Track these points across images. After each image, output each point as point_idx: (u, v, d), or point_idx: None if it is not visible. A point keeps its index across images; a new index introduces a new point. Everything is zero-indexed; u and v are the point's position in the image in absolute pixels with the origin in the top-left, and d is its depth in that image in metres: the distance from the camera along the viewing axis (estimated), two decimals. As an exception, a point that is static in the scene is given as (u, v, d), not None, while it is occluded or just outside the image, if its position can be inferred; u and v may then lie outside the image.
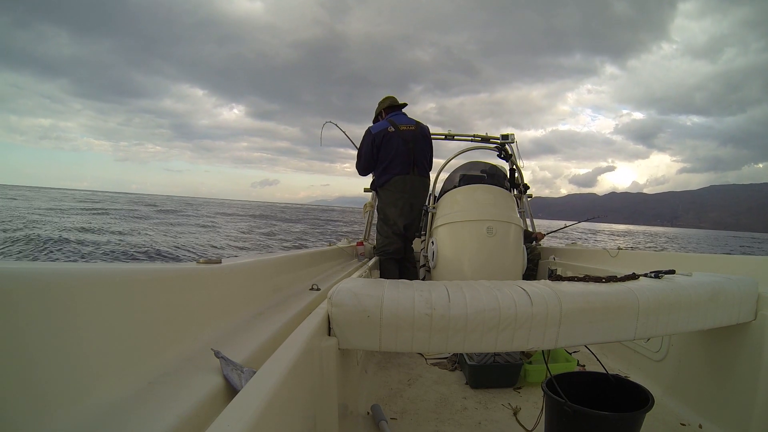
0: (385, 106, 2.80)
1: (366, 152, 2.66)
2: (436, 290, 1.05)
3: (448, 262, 2.38)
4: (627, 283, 1.20)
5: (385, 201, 2.69)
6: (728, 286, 1.25)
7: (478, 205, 2.42)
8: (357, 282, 1.08)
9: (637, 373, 1.75)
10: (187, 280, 0.82)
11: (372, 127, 2.68)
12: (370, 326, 0.96)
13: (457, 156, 2.98)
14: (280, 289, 1.32)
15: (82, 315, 0.54)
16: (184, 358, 0.70)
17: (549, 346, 1.03)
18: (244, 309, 1.03)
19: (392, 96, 2.84)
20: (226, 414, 0.46)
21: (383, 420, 1.36)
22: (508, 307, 1.00)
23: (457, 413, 1.52)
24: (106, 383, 0.54)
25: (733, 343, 1.34)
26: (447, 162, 2.98)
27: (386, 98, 2.83)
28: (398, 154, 2.60)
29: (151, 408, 0.54)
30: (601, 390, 1.25)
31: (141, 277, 0.68)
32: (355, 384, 1.50)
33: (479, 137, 3.58)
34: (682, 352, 1.56)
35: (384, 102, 2.82)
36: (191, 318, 0.79)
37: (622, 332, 1.10)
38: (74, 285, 0.54)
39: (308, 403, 0.78)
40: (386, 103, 2.80)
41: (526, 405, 1.57)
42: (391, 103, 2.79)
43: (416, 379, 1.83)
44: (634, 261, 2.18)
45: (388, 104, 2.79)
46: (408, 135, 2.63)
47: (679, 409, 1.47)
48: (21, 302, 0.47)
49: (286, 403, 0.59)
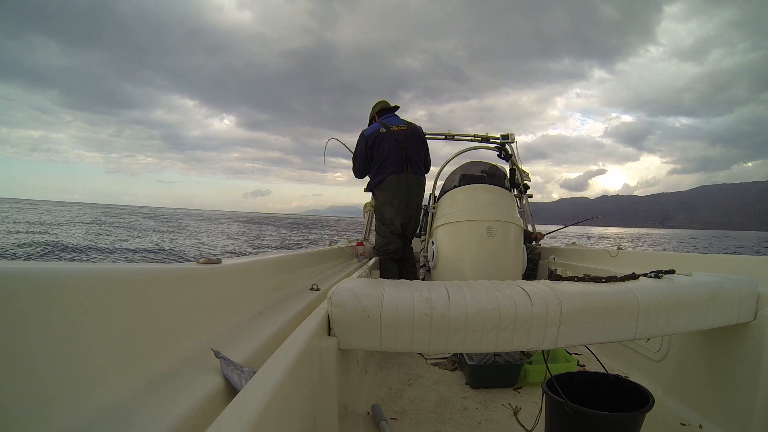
0: (377, 109, 2.88)
1: (360, 154, 2.72)
2: (436, 290, 1.05)
3: (448, 262, 2.38)
4: (627, 283, 1.20)
5: (381, 201, 2.71)
6: (728, 286, 1.25)
7: (478, 205, 2.42)
8: (357, 282, 1.08)
9: (637, 373, 1.75)
10: (187, 280, 0.82)
11: (365, 131, 2.75)
12: (370, 326, 0.96)
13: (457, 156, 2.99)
14: (280, 289, 1.32)
15: (82, 315, 0.54)
16: (184, 358, 0.69)
17: (549, 346, 1.03)
18: (244, 309, 1.03)
19: (384, 100, 2.93)
20: (226, 414, 0.46)
21: (383, 420, 1.36)
22: (508, 307, 1.00)
23: (457, 413, 1.52)
24: (106, 383, 0.54)
25: (733, 343, 1.34)
26: (447, 162, 2.99)
27: (378, 102, 2.92)
28: (391, 153, 2.64)
29: (151, 408, 0.54)
30: (601, 390, 1.25)
31: (141, 277, 0.68)
32: (355, 384, 1.50)
33: (479, 137, 3.59)
34: (682, 352, 1.56)
35: (376, 106, 2.90)
36: (191, 318, 0.79)
37: (622, 332, 1.10)
38: (74, 285, 0.54)
39: (308, 403, 0.78)
40: (378, 106, 2.88)
41: (526, 405, 1.57)
42: (383, 107, 2.87)
43: (416, 379, 1.83)
44: (634, 261, 2.18)
45: (381, 107, 2.87)
46: (400, 135, 2.67)
47: (679, 409, 1.46)
48: (22, 302, 0.47)
49: (286, 403, 0.59)
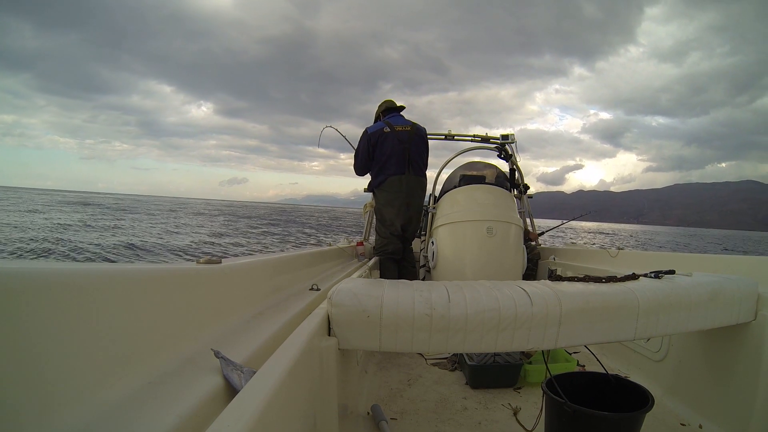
0: (383, 108, 2.87)
1: (362, 152, 2.71)
2: (436, 290, 1.05)
3: (449, 262, 2.38)
4: (627, 283, 1.20)
5: (382, 202, 2.71)
6: (728, 287, 1.25)
7: (479, 205, 2.42)
8: (357, 282, 1.08)
9: (637, 373, 1.75)
10: (187, 280, 0.82)
11: (368, 128, 2.74)
12: (370, 326, 0.96)
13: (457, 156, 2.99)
14: (280, 289, 1.32)
15: (83, 315, 0.54)
16: (184, 358, 0.70)
17: (549, 346, 1.03)
18: (244, 309, 1.03)
19: (391, 99, 2.92)
20: (226, 414, 0.46)
21: (383, 420, 1.36)
22: (508, 308, 1.00)
23: (457, 413, 1.52)
24: (106, 383, 0.54)
25: (732, 343, 1.34)
26: (447, 162, 2.99)
27: (384, 101, 2.91)
28: (393, 153, 2.64)
29: (151, 408, 0.54)
30: (601, 390, 1.24)
31: (141, 277, 0.68)
32: (355, 384, 1.50)
33: (479, 137, 3.59)
34: (682, 352, 1.56)
35: (382, 105, 2.90)
36: (191, 318, 0.79)
37: (622, 332, 1.10)
38: (75, 285, 0.54)
39: (308, 403, 0.78)
40: (384, 105, 2.88)
41: (526, 405, 1.57)
42: (389, 106, 2.86)
43: (416, 379, 1.82)
44: (634, 261, 2.18)
45: (386, 107, 2.86)
46: (403, 135, 2.66)
47: (679, 409, 1.46)
48: (23, 302, 0.47)
49: (286, 403, 0.59)
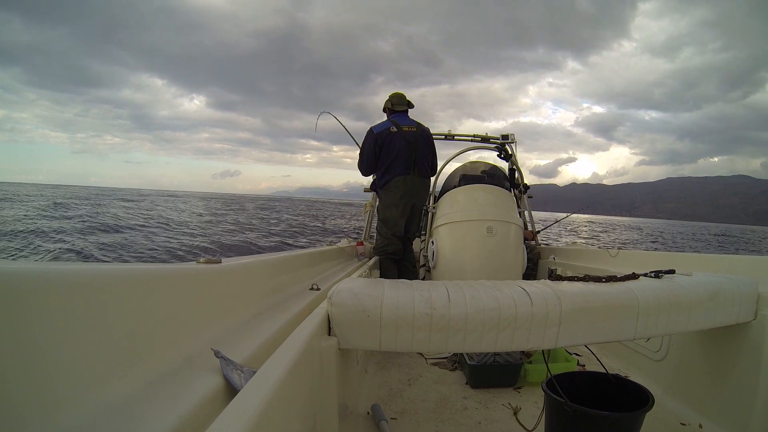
0: (393, 102, 2.73)
1: (368, 152, 2.65)
2: (436, 290, 1.05)
3: (449, 261, 2.38)
4: (627, 282, 1.20)
5: (386, 202, 2.68)
6: (728, 286, 1.25)
7: (479, 205, 2.42)
8: (357, 282, 1.08)
9: (637, 373, 1.75)
10: (187, 280, 0.82)
11: (374, 127, 2.66)
12: (370, 326, 0.96)
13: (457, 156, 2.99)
14: (280, 289, 1.32)
15: (83, 314, 0.54)
16: (184, 358, 0.70)
17: (549, 345, 1.03)
18: (244, 309, 1.03)
19: (402, 93, 2.76)
20: (226, 414, 0.46)
21: (383, 420, 1.36)
22: (508, 307, 1.00)
23: (457, 413, 1.52)
24: (106, 383, 0.54)
25: (732, 343, 1.34)
26: (447, 162, 2.99)
27: (395, 94, 2.75)
28: (400, 154, 2.59)
29: (151, 408, 0.54)
30: (601, 390, 1.24)
31: (141, 277, 0.68)
32: (355, 384, 1.50)
33: (479, 137, 3.59)
34: (682, 352, 1.56)
35: (394, 98, 2.74)
36: (191, 318, 0.79)
37: (622, 332, 1.10)
38: (75, 285, 0.54)
39: (308, 403, 0.78)
40: (396, 99, 2.73)
41: (526, 405, 1.57)
42: (398, 102, 2.73)
43: (416, 379, 1.82)
44: (634, 261, 2.18)
45: (397, 101, 2.72)
46: (410, 136, 2.62)
47: (679, 409, 1.46)
48: (24, 301, 0.47)
49: (286, 403, 0.59)
